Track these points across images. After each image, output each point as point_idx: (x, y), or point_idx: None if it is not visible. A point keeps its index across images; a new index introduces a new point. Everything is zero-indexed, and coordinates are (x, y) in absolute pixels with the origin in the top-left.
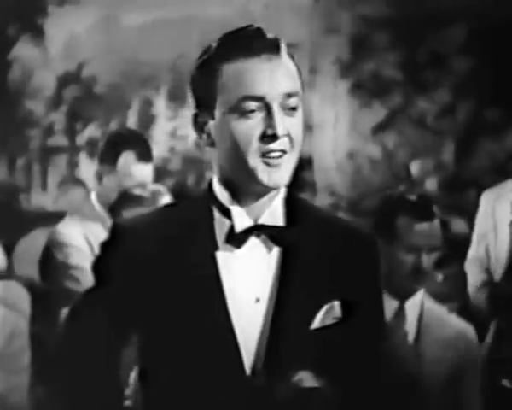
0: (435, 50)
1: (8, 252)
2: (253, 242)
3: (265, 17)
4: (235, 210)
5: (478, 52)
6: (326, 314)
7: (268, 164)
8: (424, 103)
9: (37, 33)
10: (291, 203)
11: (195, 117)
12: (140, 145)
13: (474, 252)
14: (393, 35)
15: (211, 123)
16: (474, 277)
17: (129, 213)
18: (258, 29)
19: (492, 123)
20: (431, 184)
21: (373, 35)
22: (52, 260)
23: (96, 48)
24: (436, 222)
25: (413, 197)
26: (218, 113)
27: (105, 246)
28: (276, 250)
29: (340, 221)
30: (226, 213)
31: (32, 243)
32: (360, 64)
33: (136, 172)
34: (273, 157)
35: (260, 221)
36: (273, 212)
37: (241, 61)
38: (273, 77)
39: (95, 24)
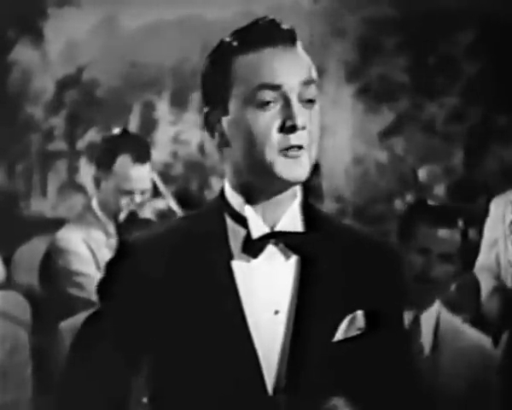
0: (444, 54)
1: (8, 260)
2: (270, 250)
3: (278, 18)
4: (251, 217)
5: (487, 56)
6: (349, 325)
7: (286, 156)
8: (432, 108)
9: (37, 36)
10: (308, 211)
11: (207, 116)
12: (136, 147)
13: (483, 259)
14: (401, 38)
15: (224, 120)
16: (485, 283)
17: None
18: (273, 20)
19: (502, 128)
20: (439, 190)
21: (380, 38)
22: (53, 267)
23: (96, 51)
24: (456, 233)
25: (437, 204)
26: (232, 106)
27: (112, 264)
28: (294, 259)
29: (361, 231)
30: (240, 220)
31: (32, 251)
32: (367, 68)
33: (134, 175)
34: (291, 151)
35: (277, 228)
36: (291, 218)
37: (257, 52)
38: (290, 66)
39: (95, 27)
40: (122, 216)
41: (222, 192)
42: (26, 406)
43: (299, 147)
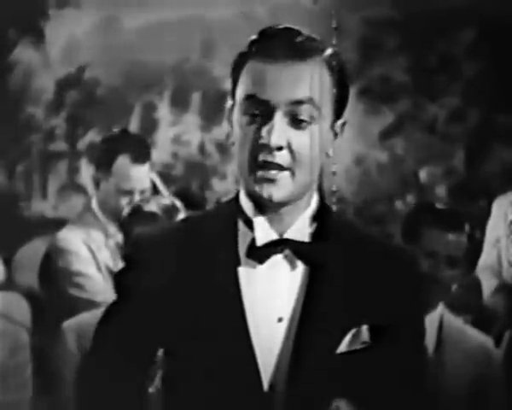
0: (445, 54)
1: (8, 260)
2: (277, 257)
3: (269, 19)
4: (258, 222)
5: (489, 56)
6: (353, 339)
7: (262, 175)
8: (433, 108)
9: (38, 36)
10: (322, 217)
11: (228, 110)
12: (135, 147)
13: (485, 259)
14: (401, 39)
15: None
16: (487, 283)
17: (140, 230)
18: (289, 30)
19: (504, 128)
20: (440, 191)
21: (380, 39)
22: (52, 268)
23: (97, 51)
24: (463, 236)
25: (444, 207)
26: (235, 110)
27: (127, 259)
28: (301, 268)
29: (375, 239)
30: (251, 225)
31: (32, 252)
32: (367, 68)
33: (133, 175)
34: (267, 170)
35: (286, 236)
36: (300, 226)
37: (260, 61)
38: (283, 82)
39: (96, 27)
40: (126, 210)
41: (237, 196)
42: (27, 407)
43: (278, 166)
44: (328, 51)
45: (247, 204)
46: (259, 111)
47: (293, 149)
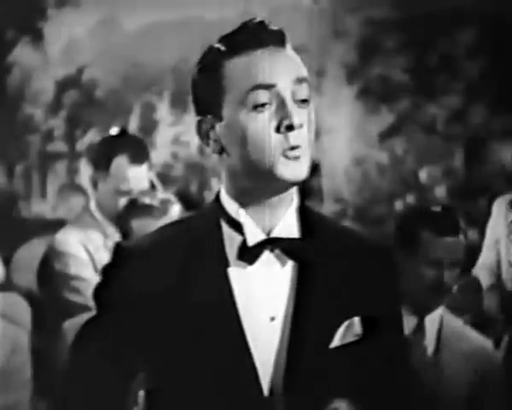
0: (445, 54)
1: (7, 261)
2: (266, 256)
3: (270, 20)
4: (247, 223)
5: (488, 56)
6: (346, 332)
7: (287, 157)
8: (433, 108)
9: (37, 37)
10: (305, 215)
11: (199, 124)
12: (133, 148)
13: (484, 259)
14: (402, 39)
15: (218, 127)
16: (483, 281)
17: (137, 223)
18: (262, 22)
19: (503, 128)
20: (440, 192)
21: (381, 39)
22: (50, 270)
23: (96, 51)
24: (461, 237)
25: (437, 209)
26: (226, 112)
27: (109, 269)
28: (290, 265)
29: (355, 234)
30: (236, 226)
31: (31, 252)
32: (368, 68)
33: (131, 175)
34: (292, 151)
35: (273, 234)
36: (287, 224)
37: (248, 54)
38: (282, 66)
39: (95, 27)
40: (122, 203)
41: (217, 197)
42: (26, 407)
43: (298, 146)
44: (287, 36)
45: (230, 205)
46: (268, 98)
47: (304, 129)
